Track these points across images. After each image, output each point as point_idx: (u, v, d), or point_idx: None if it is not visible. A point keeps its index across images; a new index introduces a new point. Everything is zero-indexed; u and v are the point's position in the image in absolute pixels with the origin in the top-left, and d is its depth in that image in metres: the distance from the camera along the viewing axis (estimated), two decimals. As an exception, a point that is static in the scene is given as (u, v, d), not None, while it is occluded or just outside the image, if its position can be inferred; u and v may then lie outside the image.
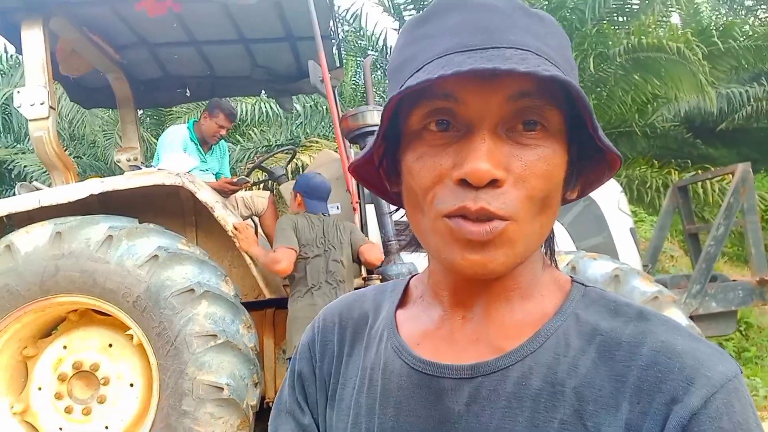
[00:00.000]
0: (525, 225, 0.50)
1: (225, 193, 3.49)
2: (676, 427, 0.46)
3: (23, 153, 8.28)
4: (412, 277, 0.70)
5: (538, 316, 0.56)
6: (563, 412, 0.50)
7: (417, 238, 0.59)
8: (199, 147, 3.94)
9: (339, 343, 0.67)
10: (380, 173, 0.62)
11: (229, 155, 8.09)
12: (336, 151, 4.11)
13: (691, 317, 3.35)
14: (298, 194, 3.10)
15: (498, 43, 0.49)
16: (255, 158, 7.25)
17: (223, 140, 4.17)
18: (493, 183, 0.49)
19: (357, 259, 3.09)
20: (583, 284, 0.59)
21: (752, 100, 9.31)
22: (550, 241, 0.61)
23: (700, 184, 7.18)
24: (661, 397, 0.47)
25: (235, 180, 3.58)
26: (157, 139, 4.60)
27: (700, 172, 6.57)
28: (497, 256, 0.50)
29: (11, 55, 9.29)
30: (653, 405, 0.47)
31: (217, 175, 4.06)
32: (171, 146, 3.78)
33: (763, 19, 11.15)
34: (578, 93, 0.47)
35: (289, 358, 2.83)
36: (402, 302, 0.67)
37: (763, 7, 11.21)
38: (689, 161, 8.82)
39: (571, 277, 0.60)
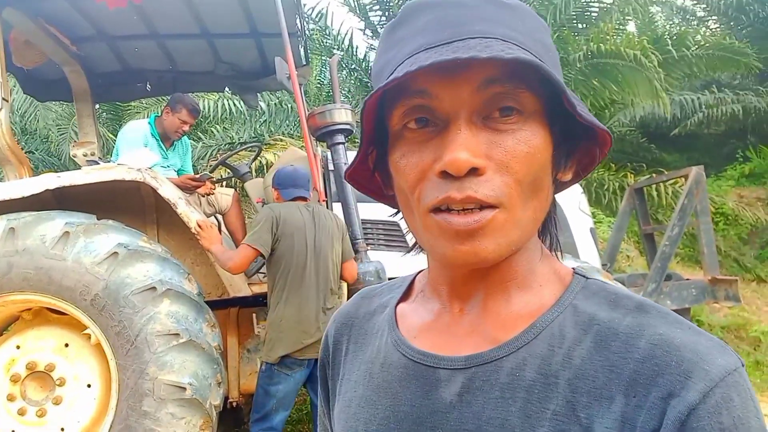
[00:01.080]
0: (515, 211, 0.51)
1: (188, 189, 3.42)
2: (675, 422, 0.45)
3: (-29, 147, 7.92)
4: (419, 272, 0.71)
5: (535, 307, 0.56)
6: (556, 403, 0.50)
7: (414, 237, 0.59)
8: (161, 143, 3.83)
9: (347, 343, 0.70)
10: (376, 177, 0.63)
11: (192, 152, 7.96)
12: (302, 149, 4.09)
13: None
14: (275, 190, 3.01)
15: (463, 35, 0.50)
16: (218, 155, 7.12)
17: (185, 136, 4.08)
18: (474, 171, 0.49)
19: None
20: (584, 276, 0.58)
21: (704, 106, 9.72)
22: (551, 231, 0.61)
23: (654, 186, 7.44)
24: (658, 392, 0.47)
25: (197, 176, 3.50)
26: (115, 135, 4.47)
27: (654, 175, 6.80)
28: (487, 245, 0.50)
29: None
30: (649, 399, 0.47)
31: (179, 172, 3.97)
32: (131, 142, 3.67)
33: (713, 30, 11.64)
34: (547, 73, 0.47)
35: (271, 364, 2.76)
36: (405, 297, 0.68)
37: (714, 18, 11.70)
38: (644, 165, 9.14)
39: (573, 269, 0.60)
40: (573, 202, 3.89)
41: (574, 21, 8.77)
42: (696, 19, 12.28)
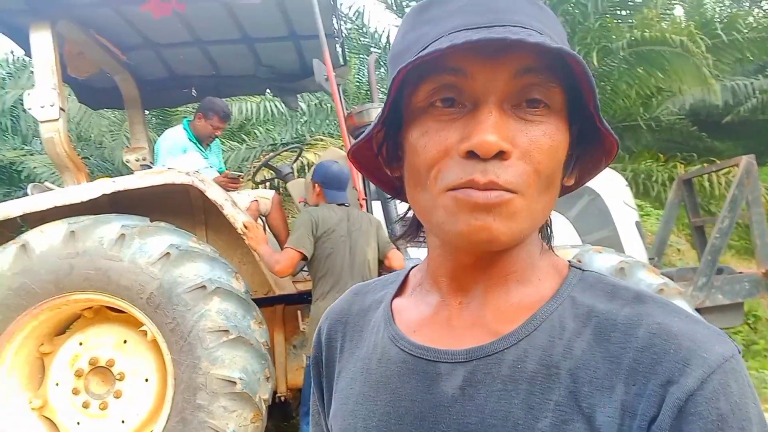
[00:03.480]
0: (531, 200, 0.51)
1: (225, 188, 3.54)
2: (673, 408, 0.46)
3: (31, 155, 8.36)
4: (413, 267, 0.70)
5: (534, 300, 0.56)
6: (558, 394, 0.50)
7: (418, 221, 0.59)
8: (199, 145, 3.98)
9: (341, 340, 0.69)
10: (379, 160, 0.62)
11: (236, 154, 8.17)
12: (342, 149, 4.15)
13: (698, 309, 3.37)
14: (317, 184, 3.04)
15: (503, 22, 0.50)
16: (261, 156, 7.29)
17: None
18: (500, 155, 0.49)
19: (380, 261, 3.07)
20: (580, 269, 0.59)
21: (757, 92, 9.28)
22: (547, 226, 0.62)
23: (706, 177, 7.17)
24: (657, 379, 0.47)
25: (232, 175, 3.65)
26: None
27: (705, 165, 6.56)
28: (500, 225, 0.50)
29: (17, 57, 9.37)
30: (648, 386, 0.47)
31: (219, 171, 4.11)
32: (172, 148, 3.81)
33: (767, 11, 11.10)
34: (584, 68, 0.48)
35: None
36: (400, 292, 0.68)
37: (767, -2, 11.15)
38: (695, 154, 8.81)
39: (569, 261, 0.61)
40: (617, 194, 3.81)
41: (617, 8, 8.52)
42: (748, 1, 11.73)
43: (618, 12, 8.58)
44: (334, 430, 0.64)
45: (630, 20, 8.42)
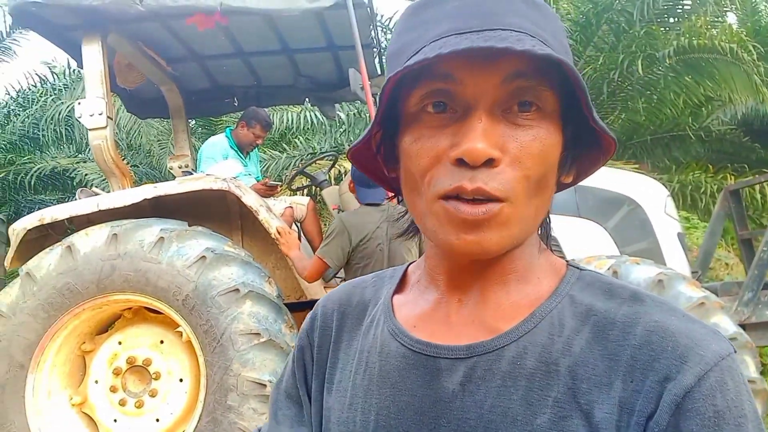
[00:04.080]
0: (520, 206, 0.51)
1: (262, 195, 3.62)
2: (670, 405, 0.46)
3: (84, 162, 8.75)
4: (411, 263, 0.71)
5: (533, 298, 0.57)
6: (557, 391, 0.51)
7: (415, 222, 0.60)
8: (239, 153, 4.11)
9: (337, 330, 0.69)
10: (378, 159, 0.63)
11: (277, 162, 8.33)
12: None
13: (743, 326, 3.22)
14: (352, 182, 3.03)
15: (495, 26, 0.50)
16: (299, 165, 7.42)
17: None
18: (489, 162, 0.49)
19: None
20: (578, 267, 0.59)
21: (814, 100, 8.84)
22: (545, 225, 0.61)
23: (758, 188, 6.88)
24: (654, 376, 0.48)
25: (268, 183, 3.74)
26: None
27: (756, 177, 6.29)
28: (492, 236, 0.51)
29: (73, 70, 9.84)
30: (646, 383, 0.48)
31: (257, 179, 4.21)
32: (214, 155, 3.96)
33: (825, 17, 10.58)
34: (573, 72, 0.48)
35: None
36: (399, 288, 0.68)
37: (826, 4, 10.64)
38: (746, 165, 8.46)
39: (567, 261, 0.61)
40: (659, 205, 3.69)
41: (665, 15, 8.30)
42: (806, 6, 11.22)
43: (665, 19, 8.36)
44: (331, 421, 0.64)
45: (678, 28, 8.18)
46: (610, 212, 3.57)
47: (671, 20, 8.41)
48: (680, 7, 8.20)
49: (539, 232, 0.61)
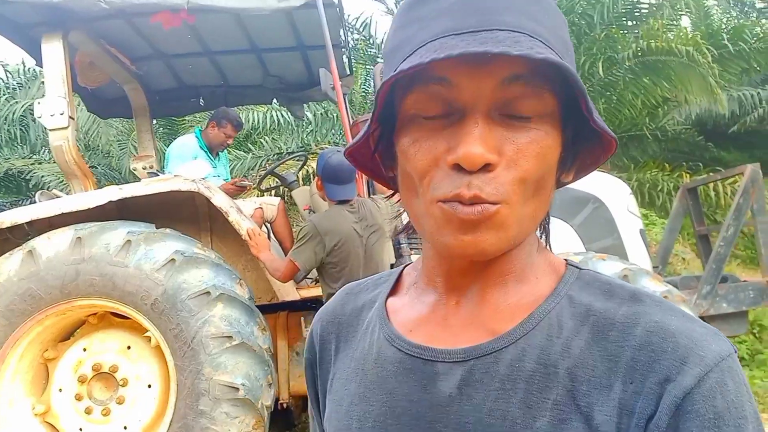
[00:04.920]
0: (517, 208, 0.51)
1: (231, 195, 3.58)
2: (670, 406, 0.46)
3: (39, 163, 8.45)
4: (407, 266, 0.70)
5: (532, 298, 0.56)
6: (557, 393, 0.50)
7: (412, 222, 0.59)
8: (209, 154, 4.05)
9: (335, 341, 0.68)
10: (376, 158, 0.62)
11: (242, 163, 8.23)
12: (347, 157, 4.16)
13: (702, 318, 3.36)
14: (318, 177, 2.92)
15: (492, 25, 0.49)
16: (267, 165, 7.34)
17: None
18: (487, 167, 0.49)
19: None
20: (577, 267, 0.59)
21: (764, 102, 9.26)
22: (545, 224, 0.61)
23: (712, 186, 7.15)
24: (654, 377, 0.47)
25: (238, 183, 3.71)
26: (171, 149, 4.71)
27: (711, 174, 6.55)
28: (488, 237, 0.50)
29: (28, 68, 9.50)
30: (646, 384, 0.48)
31: (225, 180, 4.16)
32: (182, 155, 3.90)
33: (774, 22, 11.08)
34: (572, 75, 0.47)
35: None
36: (394, 291, 0.67)
37: (774, 9, 11.15)
38: (701, 164, 8.78)
39: (566, 260, 0.60)
40: (622, 203, 3.81)
41: (623, 18, 8.55)
42: (755, 12, 11.73)
43: (624, 22, 8.61)
44: (330, 430, 0.63)
45: (636, 30, 8.43)
46: (576, 210, 3.66)
47: (630, 23, 8.67)
48: (638, 10, 8.46)
49: (541, 230, 0.60)
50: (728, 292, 3.51)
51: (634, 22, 8.64)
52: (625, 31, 8.50)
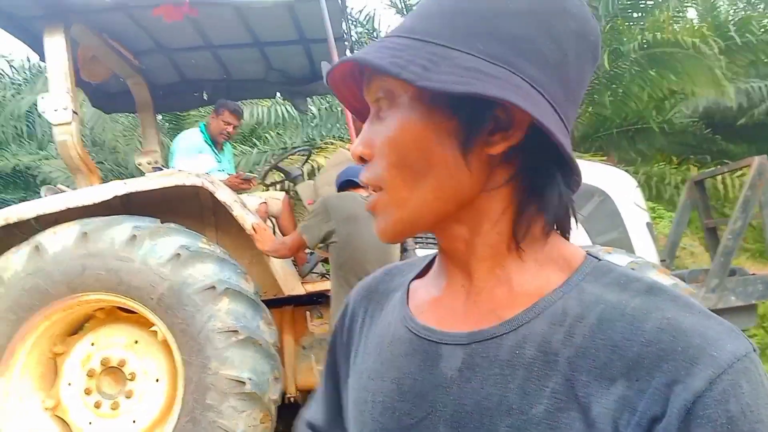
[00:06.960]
0: (395, 191, 0.56)
1: (236, 189, 3.58)
2: (680, 410, 0.44)
3: (47, 159, 8.48)
4: None
5: (542, 287, 0.55)
6: (555, 381, 0.50)
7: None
8: (214, 148, 4.06)
9: (363, 315, 0.71)
10: None
11: (248, 157, 8.23)
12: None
13: (710, 311, 3.33)
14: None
15: (398, 33, 0.55)
16: (271, 160, 7.34)
17: (227, 142, 4.29)
18: (365, 159, 0.58)
19: None
20: (596, 257, 0.57)
21: (772, 94, 9.17)
22: (547, 212, 0.56)
23: (720, 179, 7.10)
24: (662, 377, 0.46)
25: (243, 176, 3.70)
26: (176, 144, 4.71)
27: (718, 167, 6.50)
28: (380, 222, 0.58)
29: (33, 64, 9.52)
30: (652, 384, 0.46)
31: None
32: (187, 149, 3.90)
33: (781, 13, 10.96)
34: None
35: None
36: (421, 274, 0.69)
37: (782, 0, 11.03)
38: (708, 157, 8.74)
39: (587, 251, 0.59)
40: (628, 196, 3.79)
41: (629, 10, 8.48)
42: (763, 3, 11.61)
43: (630, 14, 8.54)
44: (349, 401, 0.67)
45: (642, 22, 8.37)
46: (581, 203, 3.64)
47: (635, 15, 8.60)
48: (644, 2, 8.39)
49: (547, 219, 0.56)
50: (737, 285, 3.47)
51: (640, 14, 8.57)
52: (631, 23, 8.44)
